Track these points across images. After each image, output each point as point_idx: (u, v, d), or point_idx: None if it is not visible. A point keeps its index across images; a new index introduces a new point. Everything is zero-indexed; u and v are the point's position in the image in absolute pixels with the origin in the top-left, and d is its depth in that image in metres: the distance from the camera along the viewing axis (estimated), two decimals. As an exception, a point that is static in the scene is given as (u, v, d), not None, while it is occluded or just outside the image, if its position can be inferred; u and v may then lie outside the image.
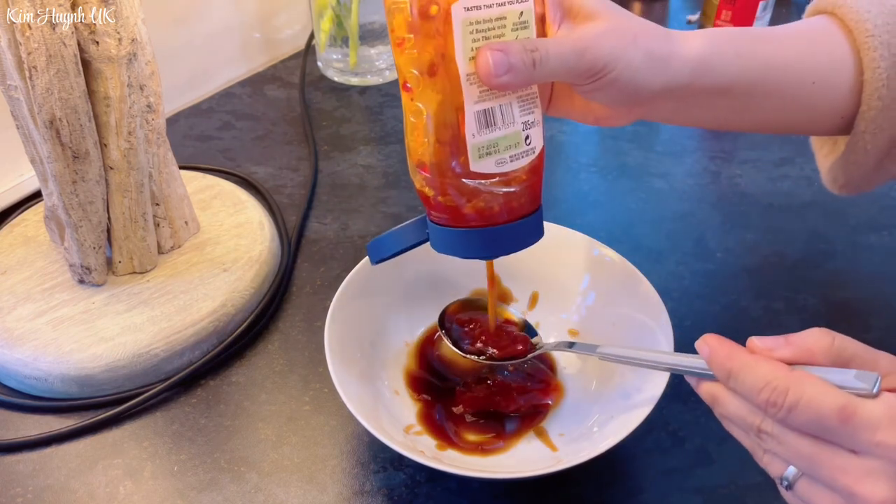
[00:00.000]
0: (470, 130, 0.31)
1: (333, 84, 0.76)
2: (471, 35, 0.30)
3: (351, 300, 0.43)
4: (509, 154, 0.33)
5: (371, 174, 0.63)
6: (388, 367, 0.45)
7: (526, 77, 0.31)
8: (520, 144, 0.33)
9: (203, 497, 0.39)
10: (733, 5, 0.78)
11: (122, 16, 0.42)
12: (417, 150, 0.33)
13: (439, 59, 0.30)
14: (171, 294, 0.48)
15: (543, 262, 0.47)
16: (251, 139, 0.68)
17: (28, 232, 0.53)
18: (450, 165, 0.32)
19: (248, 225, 0.54)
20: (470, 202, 0.33)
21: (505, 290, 0.49)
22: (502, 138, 0.32)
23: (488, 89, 0.31)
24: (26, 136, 0.45)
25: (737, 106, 0.38)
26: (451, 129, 0.31)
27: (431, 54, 0.30)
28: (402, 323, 0.47)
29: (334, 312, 0.42)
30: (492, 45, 0.30)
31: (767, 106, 0.38)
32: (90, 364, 0.43)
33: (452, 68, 0.30)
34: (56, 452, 0.42)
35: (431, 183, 0.33)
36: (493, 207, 0.33)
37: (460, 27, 0.30)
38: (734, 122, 0.40)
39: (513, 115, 0.32)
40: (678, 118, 0.40)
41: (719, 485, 0.40)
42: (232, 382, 0.46)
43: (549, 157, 0.65)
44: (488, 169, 0.32)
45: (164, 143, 0.48)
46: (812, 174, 0.63)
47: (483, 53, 0.30)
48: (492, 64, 0.30)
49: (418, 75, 0.31)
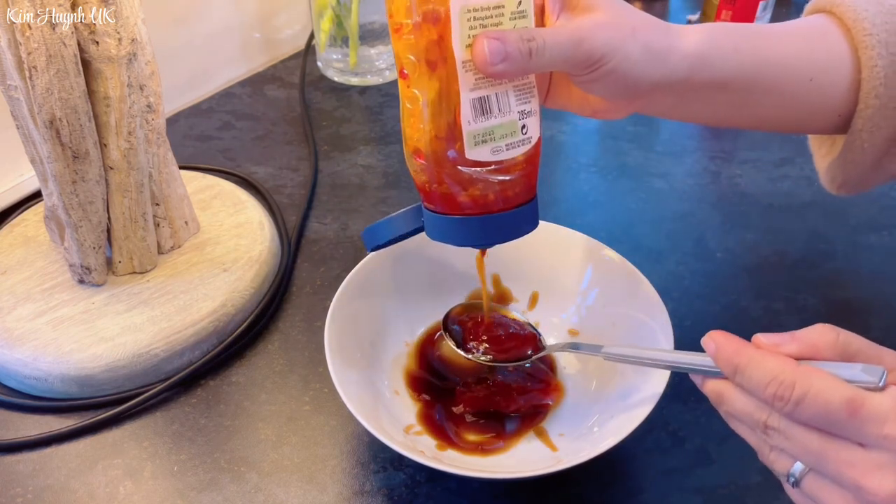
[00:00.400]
0: (466, 118, 0.31)
1: (333, 84, 0.76)
2: (468, 22, 0.30)
3: (351, 300, 0.43)
4: (505, 143, 0.33)
5: (371, 174, 0.63)
6: (388, 368, 0.45)
7: (522, 66, 0.31)
8: (516, 133, 0.33)
9: (203, 497, 0.39)
10: (733, 5, 0.78)
11: (122, 16, 0.42)
12: (413, 137, 0.33)
13: (436, 46, 0.30)
14: (171, 294, 0.48)
15: (543, 261, 0.47)
16: (251, 139, 0.68)
17: (28, 232, 0.53)
18: (445, 153, 0.32)
19: (248, 225, 0.54)
20: (465, 190, 0.33)
21: (505, 290, 0.49)
22: (498, 126, 0.32)
23: (485, 77, 0.31)
24: (26, 136, 0.45)
25: (735, 101, 0.38)
26: (446, 116, 0.31)
27: (428, 41, 0.30)
28: (402, 323, 0.47)
29: (334, 313, 0.42)
30: (488, 34, 0.30)
31: (766, 102, 0.38)
32: (90, 364, 0.43)
33: (449, 55, 0.30)
34: (56, 452, 0.42)
35: (427, 170, 0.33)
36: (488, 195, 0.33)
37: (458, 14, 0.30)
38: (733, 118, 0.40)
39: (509, 103, 0.32)
40: (676, 113, 0.40)
41: (719, 485, 0.40)
42: (232, 382, 0.46)
43: (549, 157, 0.65)
44: (484, 157, 0.32)
45: (164, 143, 0.48)
46: (812, 174, 0.63)
47: (479, 41, 0.30)
48: (488, 52, 0.30)
49: (415, 62, 0.31)
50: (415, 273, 0.47)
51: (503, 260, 0.47)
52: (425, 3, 0.30)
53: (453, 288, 0.48)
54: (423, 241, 0.38)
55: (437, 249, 0.42)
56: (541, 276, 0.48)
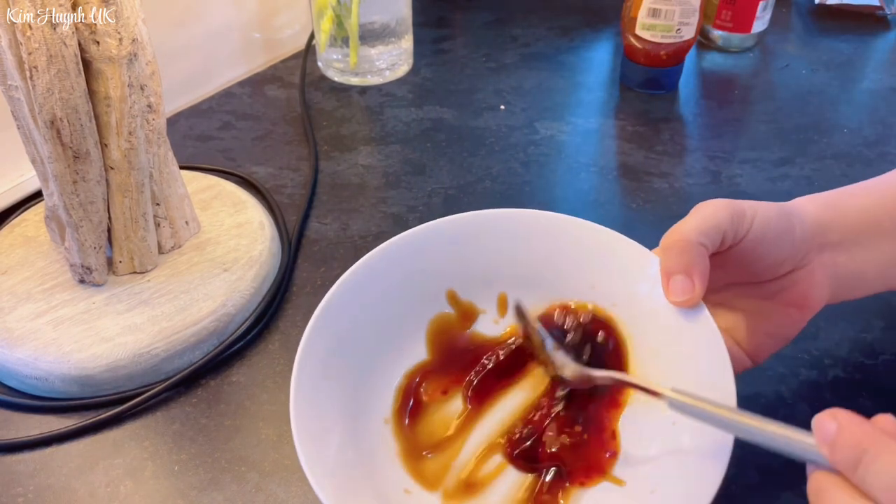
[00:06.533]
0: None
1: (333, 84, 0.76)
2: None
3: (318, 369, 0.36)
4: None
5: (371, 174, 0.64)
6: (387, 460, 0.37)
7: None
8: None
9: (204, 497, 0.39)
10: (733, 5, 0.78)
11: (122, 16, 0.42)
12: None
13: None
14: (171, 294, 0.48)
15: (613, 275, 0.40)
16: (251, 139, 0.68)
17: (28, 232, 0.53)
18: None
19: (248, 225, 0.54)
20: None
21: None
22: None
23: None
24: (27, 136, 0.45)
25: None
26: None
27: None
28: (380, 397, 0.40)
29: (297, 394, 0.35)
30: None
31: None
32: (91, 364, 0.44)
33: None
34: (57, 452, 0.42)
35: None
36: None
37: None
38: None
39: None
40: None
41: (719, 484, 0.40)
42: (232, 382, 0.46)
43: (549, 157, 0.65)
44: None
45: (164, 143, 0.48)
46: (812, 174, 0.63)
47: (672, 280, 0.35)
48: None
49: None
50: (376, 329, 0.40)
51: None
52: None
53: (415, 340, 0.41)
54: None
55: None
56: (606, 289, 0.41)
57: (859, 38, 0.84)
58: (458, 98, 0.73)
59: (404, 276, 0.40)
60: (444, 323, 0.42)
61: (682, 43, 0.70)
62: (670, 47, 0.70)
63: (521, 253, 0.41)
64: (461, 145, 0.67)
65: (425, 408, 0.40)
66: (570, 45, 0.83)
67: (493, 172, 0.63)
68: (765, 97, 0.74)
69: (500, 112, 0.71)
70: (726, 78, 0.78)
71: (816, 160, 0.65)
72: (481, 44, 0.83)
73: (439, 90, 0.75)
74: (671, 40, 0.69)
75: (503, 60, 0.80)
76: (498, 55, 0.81)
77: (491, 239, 0.41)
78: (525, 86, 0.75)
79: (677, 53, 0.71)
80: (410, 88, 0.75)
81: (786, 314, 0.37)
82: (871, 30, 0.85)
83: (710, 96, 0.75)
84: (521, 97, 0.73)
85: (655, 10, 0.68)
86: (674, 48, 0.70)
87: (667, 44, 0.70)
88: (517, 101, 0.73)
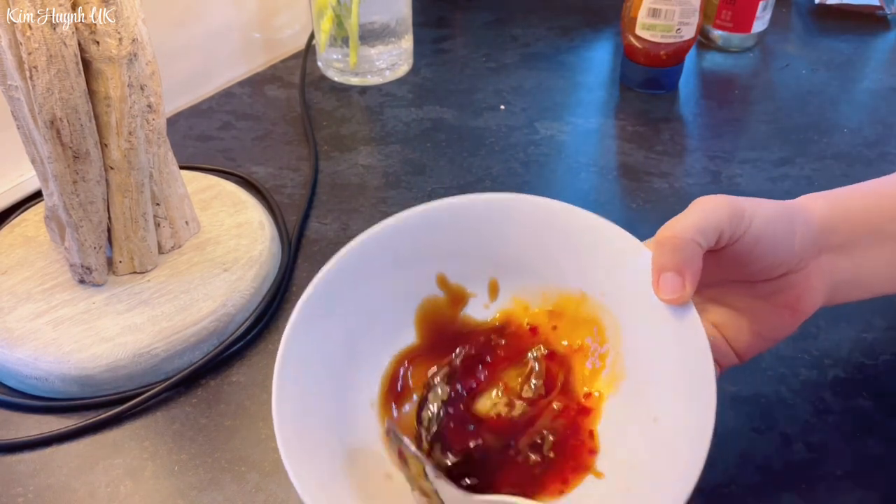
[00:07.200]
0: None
1: (333, 84, 0.76)
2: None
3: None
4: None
5: (371, 174, 0.64)
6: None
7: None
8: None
9: (204, 497, 0.39)
10: (733, 5, 0.78)
11: (122, 16, 0.42)
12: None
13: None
14: (171, 294, 0.48)
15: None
16: (251, 139, 0.68)
17: (28, 232, 0.53)
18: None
19: (248, 225, 0.54)
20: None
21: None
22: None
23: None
24: (27, 136, 0.45)
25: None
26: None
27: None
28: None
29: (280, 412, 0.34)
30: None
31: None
32: (91, 364, 0.44)
33: None
34: (57, 452, 0.42)
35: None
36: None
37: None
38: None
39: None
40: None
41: (719, 484, 0.40)
42: (232, 382, 0.46)
43: (549, 157, 0.65)
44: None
45: (164, 143, 0.48)
46: (812, 174, 0.63)
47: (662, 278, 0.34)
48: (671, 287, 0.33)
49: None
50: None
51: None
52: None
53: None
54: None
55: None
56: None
57: (859, 38, 0.84)
58: (458, 98, 0.73)
59: (395, 259, 0.40)
60: (433, 307, 0.41)
61: (682, 43, 0.70)
62: (670, 47, 0.70)
63: (512, 238, 0.40)
64: (461, 145, 0.67)
65: (412, 392, 0.39)
66: (570, 45, 0.83)
67: (493, 172, 0.63)
68: (765, 97, 0.74)
69: (500, 112, 0.71)
70: (726, 78, 0.78)
71: (816, 160, 0.65)
72: (481, 44, 0.83)
73: (439, 90, 0.75)
74: (671, 40, 0.69)
75: (503, 60, 0.80)
76: (498, 55, 0.81)
77: (483, 223, 0.40)
78: (525, 86, 0.75)
79: (677, 53, 0.71)
80: (410, 88, 0.75)
81: (778, 316, 0.37)
82: (871, 30, 0.85)
83: (710, 96, 0.75)
84: (521, 97, 0.74)
85: (655, 10, 0.68)
86: (674, 48, 0.70)
87: (667, 44, 0.70)
88: (517, 101, 0.73)
